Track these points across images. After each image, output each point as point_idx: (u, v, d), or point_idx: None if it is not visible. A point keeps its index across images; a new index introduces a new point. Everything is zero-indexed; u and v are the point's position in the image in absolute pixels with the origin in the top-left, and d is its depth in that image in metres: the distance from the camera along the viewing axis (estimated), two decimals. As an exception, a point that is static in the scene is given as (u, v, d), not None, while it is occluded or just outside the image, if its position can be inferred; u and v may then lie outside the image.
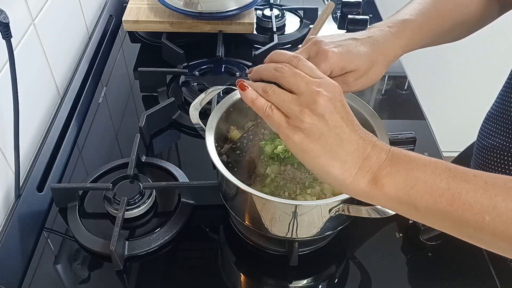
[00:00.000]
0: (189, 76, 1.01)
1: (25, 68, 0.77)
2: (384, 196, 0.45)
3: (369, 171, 0.46)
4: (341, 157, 0.46)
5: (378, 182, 0.45)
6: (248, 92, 0.50)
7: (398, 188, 0.45)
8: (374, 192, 0.46)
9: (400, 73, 1.08)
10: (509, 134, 0.72)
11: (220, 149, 0.72)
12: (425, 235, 0.70)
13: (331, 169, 0.46)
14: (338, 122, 0.47)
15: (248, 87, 0.51)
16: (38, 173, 0.78)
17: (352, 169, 0.46)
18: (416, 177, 0.44)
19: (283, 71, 0.49)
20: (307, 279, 0.69)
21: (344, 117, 0.47)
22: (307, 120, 0.46)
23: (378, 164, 0.46)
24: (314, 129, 0.46)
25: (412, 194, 0.44)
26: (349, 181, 0.46)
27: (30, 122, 0.81)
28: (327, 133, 0.46)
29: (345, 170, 0.46)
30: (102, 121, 0.95)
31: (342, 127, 0.47)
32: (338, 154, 0.46)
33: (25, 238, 0.70)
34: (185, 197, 0.76)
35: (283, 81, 0.49)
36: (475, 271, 0.69)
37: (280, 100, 0.48)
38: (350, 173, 0.46)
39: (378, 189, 0.45)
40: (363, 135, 0.48)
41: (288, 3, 1.28)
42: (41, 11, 0.85)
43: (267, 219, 0.63)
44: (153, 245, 0.70)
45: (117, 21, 1.20)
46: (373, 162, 0.46)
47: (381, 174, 0.45)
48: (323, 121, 0.46)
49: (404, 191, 0.45)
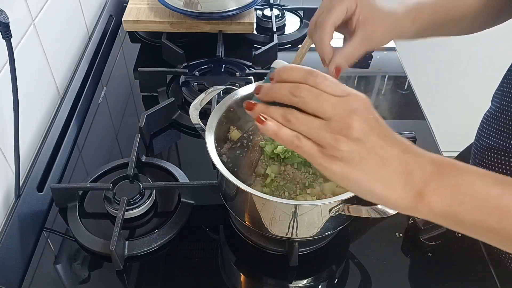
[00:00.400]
0: (189, 76, 1.01)
1: (25, 68, 0.77)
2: (430, 212, 0.44)
3: (413, 187, 0.43)
4: (383, 176, 0.44)
5: (424, 199, 0.43)
6: (269, 125, 0.45)
7: (445, 205, 0.43)
8: (421, 207, 0.44)
9: (400, 73, 1.08)
10: (508, 134, 0.72)
11: (220, 149, 0.72)
12: (425, 235, 0.70)
13: (375, 190, 0.44)
14: (376, 141, 0.43)
15: (266, 119, 0.45)
16: (38, 173, 0.78)
17: (396, 186, 0.44)
18: (465, 193, 0.42)
19: (302, 96, 0.43)
20: (307, 279, 0.69)
21: (381, 133, 0.44)
22: (344, 148, 0.43)
23: (422, 179, 0.44)
24: (352, 155, 0.43)
25: (459, 211, 0.43)
26: (394, 198, 0.44)
27: (30, 122, 0.81)
28: (366, 156, 0.43)
29: (389, 188, 0.44)
30: (102, 121, 0.95)
31: (380, 146, 0.44)
32: (380, 174, 0.44)
33: (25, 238, 0.70)
34: (185, 197, 0.76)
35: (305, 107, 0.44)
36: (475, 271, 0.69)
37: (307, 128, 0.44)
38: (394, 191, 0.44)
39: (425, 205, 0.43)
40: (403, 148, 0.45)
41: (288, 3, 1.28)
42: (41, 11, 0.85)
43: (267, 219, 0.63)
44: (153, 245, 0.70)
45: (117, 21, 1.20)
46: (417, 177, 0.44)
47: (427, 190, 0.43)
48: (361, 145, 0.43)
49: (451, 208, 0.43)
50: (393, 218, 0.60)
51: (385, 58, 1.12)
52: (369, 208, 0.57)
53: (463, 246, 0.71)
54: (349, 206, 0.59)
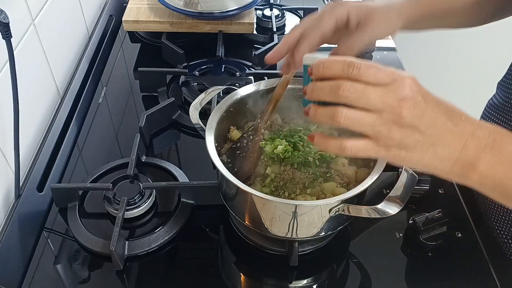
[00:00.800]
0: (189, 76, 1.01)
1: (25, 68, 0.77)
2: (480, 182, 0.46)
3: (467, 160, 0.45)
4: (439, 154, 0.45)
5: (476, 170, 0.45)
6: (332, 143, 0.46)
7: (496, 178, 0.45)
8: (473, 177, 0.46)
9: (400, 73, 1.08)
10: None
11: (220, 149, 0.72)
12: (425, 235, 0.70)
13: (431, 166, 0.47)
14: (428, 122, 0.44)
15: (330, 139, 0.47)
16: (38, 173, 0.78)
17: (450, 160, 0.46)
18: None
19: (347, 94, 0.43)
20: (307, 279, 0.69)
21: (432, 112, 0.45)
22: (398, 137, 0.44)
23: (477, 152, 0.45)
24: (407, 141, 0.44)
25: (509, 185, 0.45)
26: (447, 170, 0.46)
27: (30, 122, 0.81)
28: (421, 138, 0.44)
29: (444, 163, 0.46)
30: (102, 121, 0.95)
31: (434, 125, 0.45)
32: (436, 152, 0.45)
33: (25, 238, 0.70)
34: (185, 197, 0.76)
35: (353, 104, 0.44)
36: (475, 271, 0.69)
37: (359, 126, 0.44)
38: (448, 164, 0.46)
39: (476, 176, 0.46)
40: (456, 120, 0.45)
41: (288, 3, 1.28)
42: (41, 11, 0.85)
43: (267, 219, 0.63)
44: (153, 245, 0.70)
45: (117, 21, 1.20)
46: (471, 150, 0.45)
47: (481, 163, 0.45)
48: (415, 129, 0.44)
49: (502, 181, 0.45)
50: (393, 218, 0.60)
51: (385, 58, 1.12)
52: (369, 208, 0.57)
53: (463, 246, 0.71)
54: (349, 206, 0.59)
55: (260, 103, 0.74)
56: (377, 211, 0.57)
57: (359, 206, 0.59)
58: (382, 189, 0.77)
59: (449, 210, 0.73)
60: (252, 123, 0.75)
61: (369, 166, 0.64)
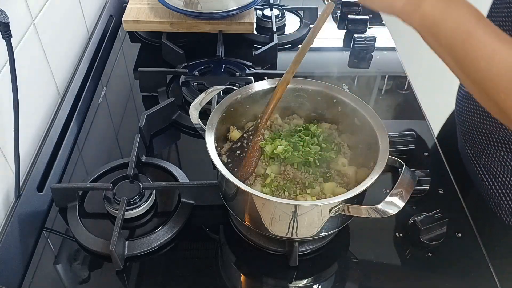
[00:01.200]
0: (189, 76, 1.01)
1: (25, 68, 0.77)
2: (420, 24, 0.54)
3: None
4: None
5: (420, 8, 0.53)
6: None
7: (435, 16, 0.52)
8: (416, 15, 0.53)
9: (400, 73, 1.08)
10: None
11: (220, 149, 0.72)
12: (425, 235, 0.70)
13: (390, 4, 0.55)
14: None
15: None
16: (38, 173, 0.78)
17: None
18: (451, 12, 0.52)
19: None
20: (307, 279, 0.69)
21: None
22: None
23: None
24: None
25: (442, 26, 0.52)
26: (399, 6, 0.54)
27: (30, 122, 0.82)
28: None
29: (398, 2, 0.54)
30: (102, 121, 0.95)
31: None
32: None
33: (25, 238, 0.70)
34: (185, 197, 0.76)
35: None
36: (475, 271, 0.69)
37: None
38: (401, 2, 0.54)
39: (419, 13, 0.53)
40: None
41: (288, 3, 1.28)
42: (41, 11, 0.86)
43: (267, 219, 0.63)
44: (153, 245, 0.70)
45: (117, 21, 1.20)
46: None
47: (426, 3, 0.52)
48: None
49: (437, 21, 0.52)
50: (393, 218, 0.61)
51: (385, 58, 1.12)
52: (369, 208, 0.57)
53: (463, 246, 0.71)
54: (349, 206, 0.59)
55: (260, 103, 0.75)
56: (377, 211, 0.57)
57: (359, 206, 0.59)
58: (382, 189, 0.77)
59: (449, 210, 0.73)
60: (252, 123, 0.75)
61: (369, 166, 0.64)
